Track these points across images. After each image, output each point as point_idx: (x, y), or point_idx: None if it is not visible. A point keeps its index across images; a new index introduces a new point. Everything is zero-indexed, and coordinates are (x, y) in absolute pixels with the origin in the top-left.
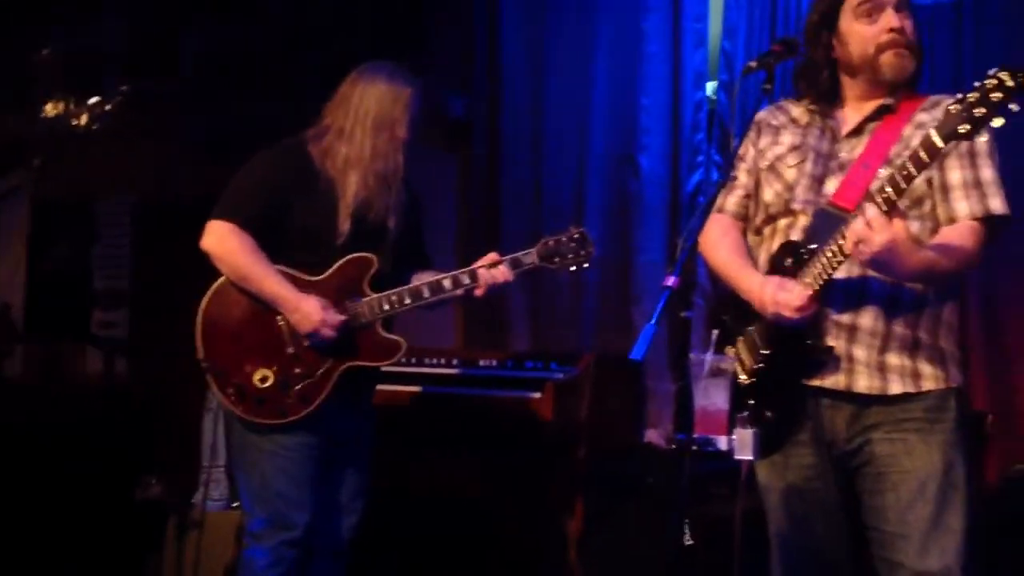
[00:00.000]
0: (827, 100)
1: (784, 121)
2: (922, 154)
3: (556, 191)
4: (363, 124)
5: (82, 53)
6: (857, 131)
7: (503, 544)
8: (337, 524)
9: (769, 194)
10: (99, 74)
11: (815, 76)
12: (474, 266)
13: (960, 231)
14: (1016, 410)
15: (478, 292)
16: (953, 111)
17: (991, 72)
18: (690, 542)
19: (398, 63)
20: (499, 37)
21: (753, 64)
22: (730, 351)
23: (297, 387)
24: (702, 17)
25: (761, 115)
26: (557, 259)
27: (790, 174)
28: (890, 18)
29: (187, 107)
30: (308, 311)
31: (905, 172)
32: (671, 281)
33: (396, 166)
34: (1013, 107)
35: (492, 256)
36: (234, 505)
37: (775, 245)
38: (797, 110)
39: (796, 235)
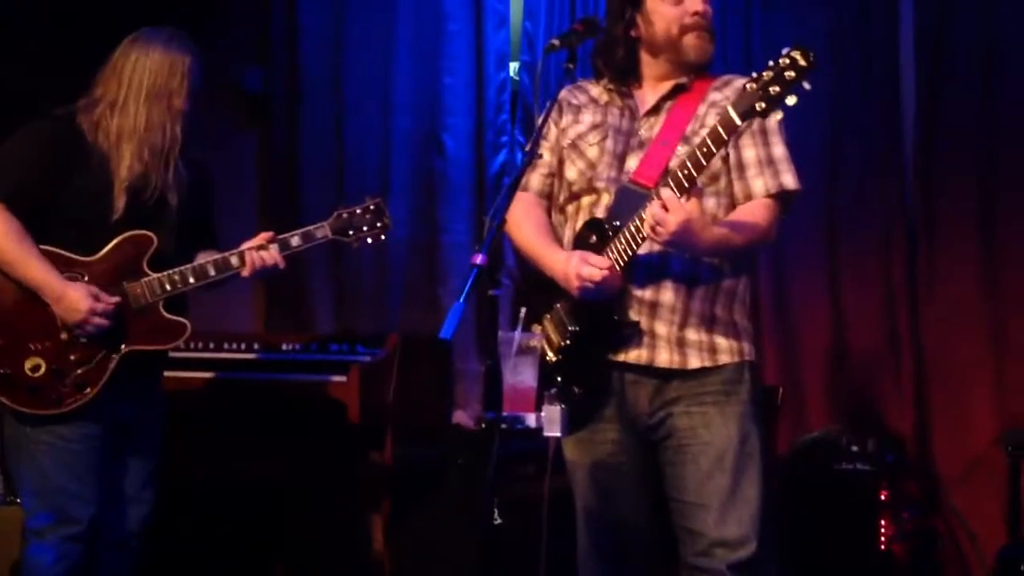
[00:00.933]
0: (623, 78)
1: (584, 100)
2: (720, 131)
3: (359, 170)
4: (137, 94)
5: None
6: (655, 110)
7: (310, 533)
8: (125, 516)
9: (572, 172)
10: None
11: (613, 52)
12: (244, 246)
13: (754, 208)
14: (803, 383)
15: (244, 273)
16: (749, 89)
17: (785, 51)
18: (499, 522)
19: (177, 30)
20: (296, 8)
21: (555, 43)
22: (537, 329)
23: (73, 374)
24: None
25: (562, 94)
26: (352, 232)
27: (592, 152)
28: (695, 1)
29: None
30: (73, 300)
31: (704, 149)
32: (479, 259)
33: (173, 138)
34: (805, 85)
35: (264, 236)
36: (11, 500)
37: (580, 223)
38: (596, 89)
39: (600, 213)
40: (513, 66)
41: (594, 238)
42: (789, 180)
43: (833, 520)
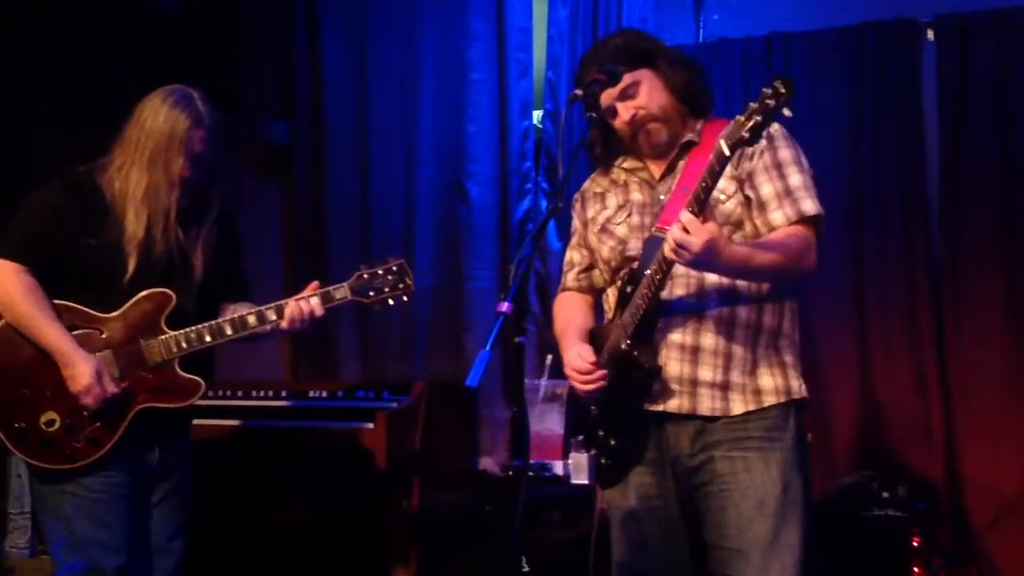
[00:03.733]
0: (626, 154)
1: (606, 185)
2: (714, 164)
3: (384, 218)
4: (140, 159)
5: None
6: (669, 170)
7: None
8: (155, 566)
9: (606, 251)
10: None
11: (603, 144)
12: (296, 297)
13: (778, 233)
14: (832, 430)
15: (282, 326)
16: (738, 121)
17: (770, 81)
18: (527, 570)
19: (191, 90)
20: (321, 61)
21: (578, 93)
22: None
23: (87, 430)
24: (526, 47)
25: (584, 186)
26: (372, 293)
27: (621, 230)
28: (621, 115)
29: None
30: (78, 374)
31: (704, 184)
32: (504, 307)
33: (168, 205)
34: (786, 112)
35: (315, 285)
36: (42, 550)
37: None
38: (615, 172)
39: (635, 266)
40: (536, 114)
41: (630, 288)
42: (809, 206)
43: (865, 567)
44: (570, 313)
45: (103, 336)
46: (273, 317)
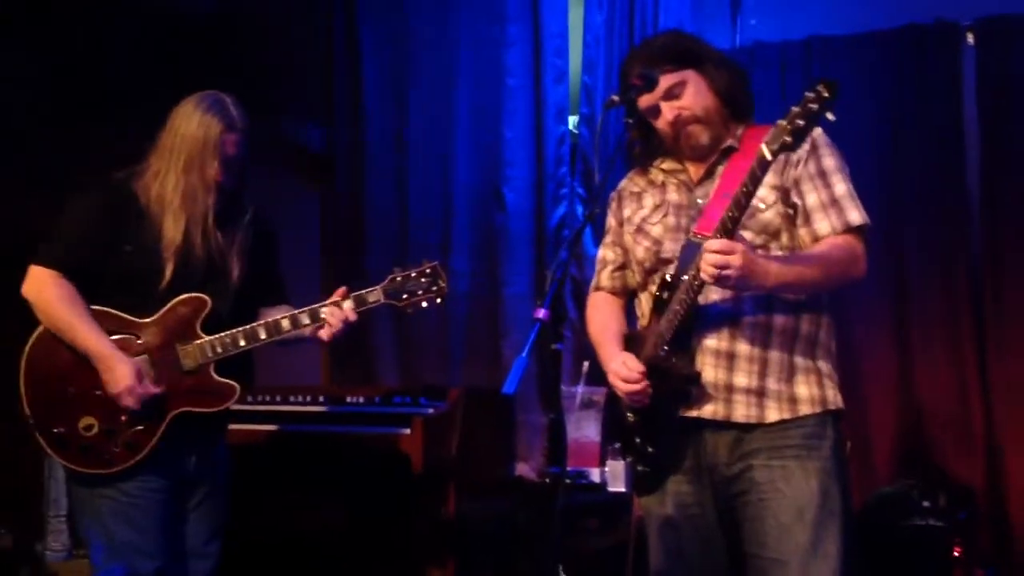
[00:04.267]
0: (666, 155)
1: (644, 185)
2: (756, 168)
3: (422, 224)
4: (176, 165)
5: None
6: (708, 174)
7: None
8: (191, 569)
9: (640, 251)
10: None
11: (644, 144)
12: (323, 303)
13: (822, 244)
14: (871, 437)
15: (321, 334)
16: (780, 125)
17: (812, 84)
18: None
19: (223, 95)
20: (360, 68)
21: (615, 98)
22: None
23: (125, 435)
24: (562, 52)
25: (621, 184)
26: (405, 296)
27: (656, 230)
28: (664, 115)
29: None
30: (118, 375)
31: (744, 189)
32: (541, 314)
33: (205, 209)
34: (829, 116)
35: (342, 291)
36: (77, 554)
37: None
38: (653, 172)
39: (671, 272)
40: (572, 119)
41: (666, 294)
42: (855, 216)
43: None
44: (605, 317)
45: (139, 341)
46: (307, 321)
